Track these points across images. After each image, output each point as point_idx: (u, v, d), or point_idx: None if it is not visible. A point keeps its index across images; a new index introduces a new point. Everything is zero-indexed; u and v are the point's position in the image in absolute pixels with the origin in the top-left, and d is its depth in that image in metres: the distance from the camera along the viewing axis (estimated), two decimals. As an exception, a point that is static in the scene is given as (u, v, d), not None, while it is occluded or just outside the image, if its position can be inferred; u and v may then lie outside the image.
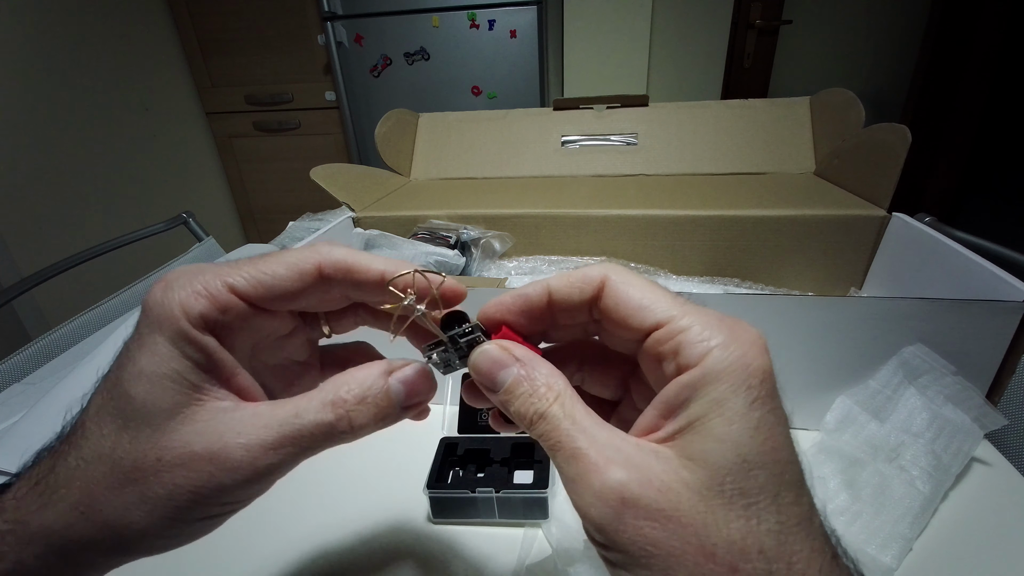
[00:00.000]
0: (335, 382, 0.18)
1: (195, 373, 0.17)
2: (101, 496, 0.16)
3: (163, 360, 0.16)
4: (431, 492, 0.33)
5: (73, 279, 0.93)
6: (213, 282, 0.17)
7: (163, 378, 0.16)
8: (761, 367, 0.15)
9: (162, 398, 0.16)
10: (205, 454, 0.16)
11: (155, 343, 0.16)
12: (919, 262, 0.45)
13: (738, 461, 0.14)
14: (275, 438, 0.17)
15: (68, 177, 1.60)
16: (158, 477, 0.16)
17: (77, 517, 0.16)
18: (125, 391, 0.16)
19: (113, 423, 0.16)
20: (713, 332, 0.15)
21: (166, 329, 0.16)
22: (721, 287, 0.54)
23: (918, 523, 0.31)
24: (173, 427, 0.16)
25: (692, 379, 0.15)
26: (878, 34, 1.91)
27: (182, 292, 0.17)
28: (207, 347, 0.17)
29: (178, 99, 1.99)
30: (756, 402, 0.14)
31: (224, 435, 0.16)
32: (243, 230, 2.32)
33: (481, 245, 0.59)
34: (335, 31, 1.73)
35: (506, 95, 1.76)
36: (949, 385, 0.35)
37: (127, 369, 0.16)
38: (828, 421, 0.38)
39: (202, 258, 0.82)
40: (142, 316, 0.17)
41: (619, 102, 0.74)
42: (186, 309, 0.17)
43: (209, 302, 0.17)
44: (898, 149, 0.50)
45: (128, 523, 0.16)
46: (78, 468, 0.16)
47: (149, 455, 0.16)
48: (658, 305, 0.16)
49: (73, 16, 1.61)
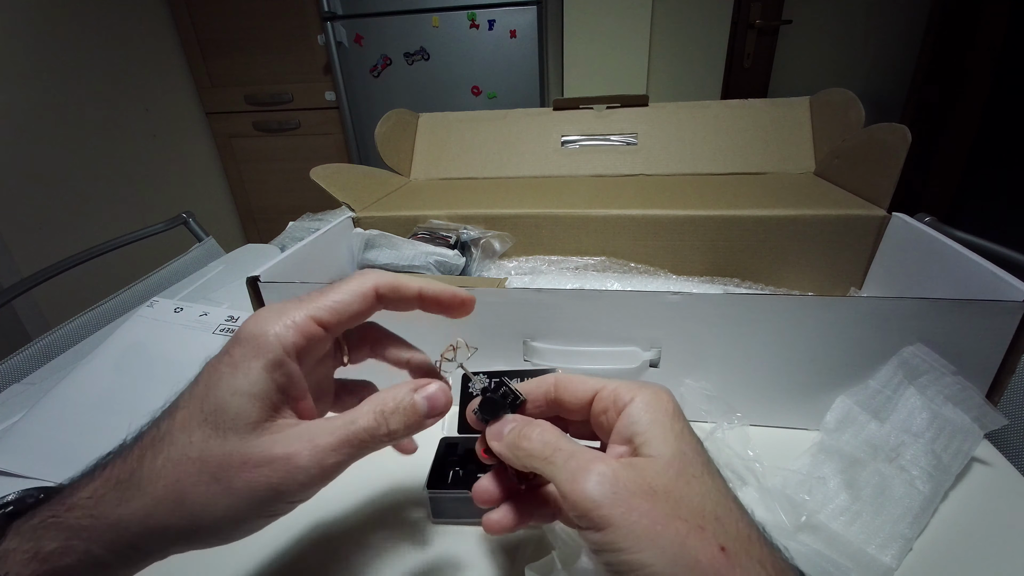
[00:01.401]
0: (377, 397, 0.22)
1: (277, 395, 0.21)
2: (189, 490, 0.19)
3: (256, 382, 0.20)
4: (431, 492, 0.33)
5: (73, 279, 0.93)
6: (300, 315, 0.22)
7: (254, 397, 0.20)
8: (670, 401, 0.22)
9: (250, 413, 0.20)
10: (283, 456, 0.20)
11: (250, 368, 0.20)
12: (919, 262, 0.45)
13: (679, 453, 0.20)
14: (335, 442, 0.21)
15: (68, 177, 1.60)
16: (243, 475, 0.19)
17: (163, 509, 0.19)
18: (219, 405, 0.20)
19: (202, 431, 0.20)
20: (632, 387, 0.22)
21: (262, 356, 0.20)
22: (721, 287, 0.54)
23: (918, 523, 0.31)
24: (256, 436, 0.20)
25: (634, 412, 0.21)
26: (878, 34, 1.91)
27: (278, 325, 0.21)
28: (292, 373, 0.22)
29: (178, 99, 1.99)
30: (673, 420, 0.21)
31: (296, 441, 0.20)
32: (243, 230, 2.32)
33: (481, 245, 0.59)
34: (335, 31, 1.73)
35: (506, 95, 1.76)
36: (949, 385, 0.35)
37: (220, 387, 0.20)
38: (828, 421, 0.38)
39: (202, 258, 0.82)
40: (237, 343, 0.21)
41: (619, 102, 0.74)
42: (282, 340, 0.21)
43: (298, 333, 0.21)
44: (898, 149, 0.50)
45: (210, 513, 0.19)
46: (165, 468, 0.19)
47: (236, 457, 0.19)
48: (590, 383, 0.23)
49: (73, 16, 1.61)
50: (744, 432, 0.37)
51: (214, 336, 0.51)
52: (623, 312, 0.38)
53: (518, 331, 0.41)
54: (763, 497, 0.33)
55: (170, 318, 0.52)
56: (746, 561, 0.17)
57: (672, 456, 0.19)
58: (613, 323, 0.39)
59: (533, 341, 0.41)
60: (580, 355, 0.40)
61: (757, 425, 0.41)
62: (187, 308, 0.54)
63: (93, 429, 0.40)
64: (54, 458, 0.38)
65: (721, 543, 0.17)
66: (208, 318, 0.53)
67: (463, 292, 0.25)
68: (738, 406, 0.38)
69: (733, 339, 0.38)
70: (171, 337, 0.50)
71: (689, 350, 0.39)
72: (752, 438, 0.37)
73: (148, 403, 0.43)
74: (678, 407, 0.22)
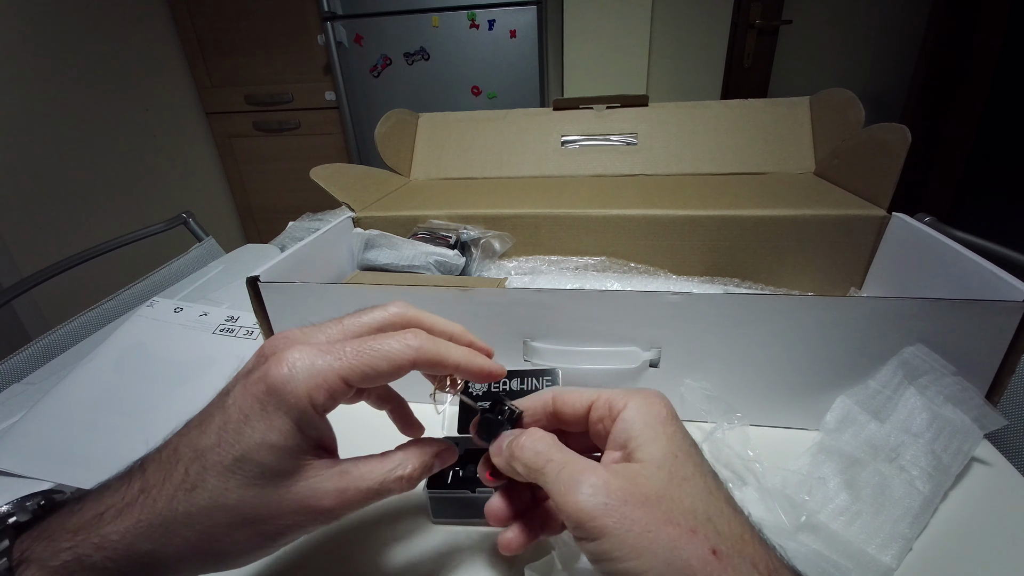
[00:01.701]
0: (405, 457, 0.24)
1: (309, 446, 0.22)
2: (223, 535, 0.21)
3: (288, 437, 0.21)
4: (431, 492, 0.33)
5: (73, 279, 0.93)
6: (331, 375, 0.21)
7: (287, 451, 0.21)
8: (663, 405, 0.22)
9: (285, 466, 0.21)
10: (313, 504, 0.21)
11: (284, 423, 0.21)
12: (919, 262, 0.45)
13: (670, 456, 0.20)
14: (361, 497, 0.22)
15: (68, 177, 1.60)
16: (276, 521, 0.21)
17: (195, 550, 0.21)
18: (254, 458, 0.20)
19: (236, 479, 0.20)
20: (630, 393, 0.23)
21: (293, 413, 0.21)
22: (721, 287, 0.54)
23: (918, 523, 0.31)
24: (290, 485, 0.21)
25: (628, 418, 0.22)
26: (878, 34, 1.91)
27: (310, 383, 0.21)
28: (321, 428, 0.22)
29: (178, 99, 1.99)
30: (665, 424, 0.21)
31: (326, 494, 0.22)
32: (243, 230, 2.32)
33: (481, 245, 0.59)
34: (335, 31, 1.73)
35: (506, 95, 1.76)
36: (949, 385, 0.35)
37: (255, 439, 0.20)
38: (828, 421, 0.38)
39: (202, 258, 0.82)
40: (270, 393, 0.21)
41: (619, 102, 0.74)
42: (313, 400, 0.21)
43: (329, 394, 0.21)
44: (898, 149, 0.50)
45: (238, 551, 0.21)
46: (200, 514, 0.20)
47: (271, 506, 0.21)
48: (586, 394, 0.24)
49: (73, 16, 1.61)
50: (744, 432, 0.37)
51: (214, 336, 0.51)
52: (623, 312, 0.38)
53: (518, 331, 0.41)
54: (763, 497, 0.33)
55: (170, 318, 0.52)
56: (738, 562, 0.17)
57: (663, 459, 0.20)
58: (613, 323, 0.39)
59: (533, 341, 0.41)
60: (580, 355, 0.40)
61: (757, 425, 0.41)
62: (187, 308, 0.54)
63: (93, 429, 0.40)
64: (54, 458, 0.38)
65: (713, 545, 0.18)
66: (208, 318, 0.53)
67: (496, 367, 0.25)
68: (738, 406, 0.38)
69: (733, 339, 0.38)
70: (171, 337, 0.50)
71: (689, 350, 0.39)
72: (752, 438, 0.37)
73: (148, 403, 0.43)
74: (671, 410, 0.22)
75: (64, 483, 0.36)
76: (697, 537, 0.18)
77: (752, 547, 0.18)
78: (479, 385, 0.34)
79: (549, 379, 0.38)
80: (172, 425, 0.43)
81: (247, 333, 0.51)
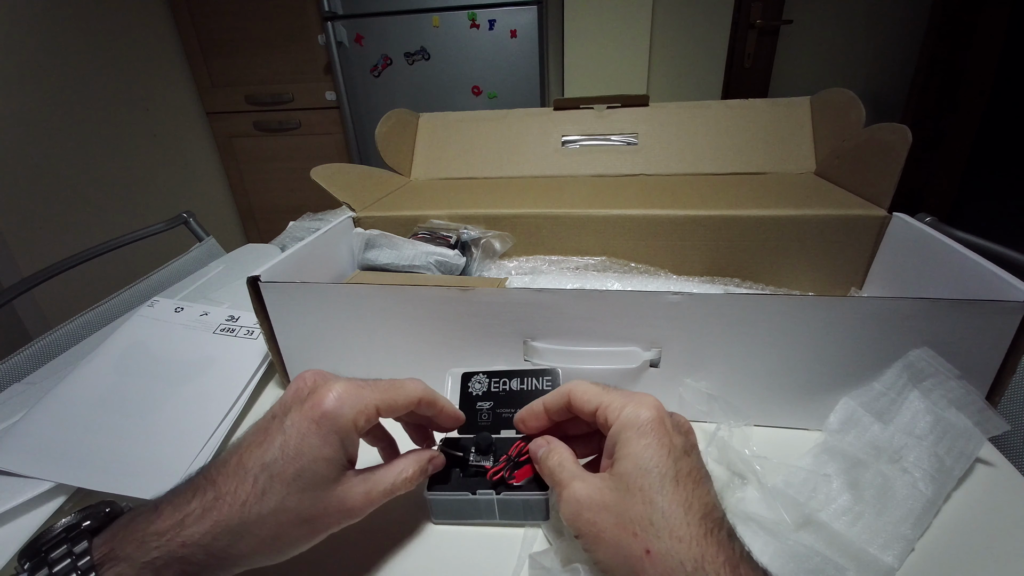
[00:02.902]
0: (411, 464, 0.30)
1: (347, 459, 0.28)
2: (286, 533, 0.26)
3: (337, 451, 0.27)
4: (431, 493, 0.33)
5: (73, 279, 0.93)
6: (370, 404, 0.28)
7: (333, 462, 0.27)
8: (648, 417, 0.25)
9: (330, 474, 0.27)
10: (348, 504, 0.27)
11: (334, 441, 0.26)
12: (919, 262, 0.45)
13: (636, 469, 0.24)
14: (381, 495, 0.28)
15: (68, 177, 1.60)
16: (323, 519, 0.27)
17: (264, 547, 0.25)
18: (313, 470, 0.26)
19: (296, 487, 0.25)
20: (624, 404, 0.26)
21: (342, 433, 0.27)
22: (721, 287, 0.54)
23: (920, 524, 0.31)
24: (333, 489, 0.27)
25: (614, 431, 0.26)
26: (878, 34, 1.91)
27: (354, 411, 0.27)
28: (356, 445, 0.29)
29: (178, 99, 1.99)
30: (644, 436, 0.25)
31: (358, 496, 0.28)
32: (243, 230, 2.32)
33: (481, 245, 0.59)
34: (335, 31, 1.73)
35: (506, 95, 1.76)
36: (953, 389, 0.35)
37: (312, 454, 0.26)
38: (831, 422, 0.38)
39: (202, 258, 0.82)
40: (323, 418, 0.26)
41: (619, 102, 0.74)
42: (356, 424, 0.27)
43: (368, 420, 0.28)
44: (898, 149, 0.50)
45: (295, 547, 0.26)
46: (269, 517, 0.25)
47: (321, 508, 0.26)
48: (594, 397, 0.28)
49: (73, 16, 1.61)
50: (746, 432, 0.37)
51: (214, 336, 0.51)
52: (623, 312, 0.38)
53: (518, 331, 0.41)
54: (764, 496, 0.33)
55: (170, 318, 0.52)
56: (668, 560, 0.22)
57: (626, 473, 0.24)
58: (613, 323, 0.39)
59: (533, 341, 0.41)
60: (580, 355, 0.40)
61: (759, 425, 0.41)
62: (187, 308, 0.54)
63: (93, 429, 0.40)
64: (54, 458, 0.38)
65: (648, 546, 0.22)
66: (208, 318, 0.53)
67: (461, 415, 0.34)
68: (739, 406, 0.38)
69: (733, 339, 0.38)
70: (172, 337, 0.50)
71: (689, 350, 0.39)
72: (754, 438, 0.37)
73: (149, 403, 0.43)
74: (652, 421, 0.25)
75: (64, 483, 0.36)
76: (637, 539, 0.23)
77: (693, 548, 0.22)
78: (479, 386, 0.38)
79: (549, 379, 0.38)
80: (172, 425, 0.43)
81: (247, 333, 0.51)
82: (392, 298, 0.41)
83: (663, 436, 0.25)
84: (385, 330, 0.43)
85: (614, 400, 0.27)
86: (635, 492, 0.23)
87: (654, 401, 0.26)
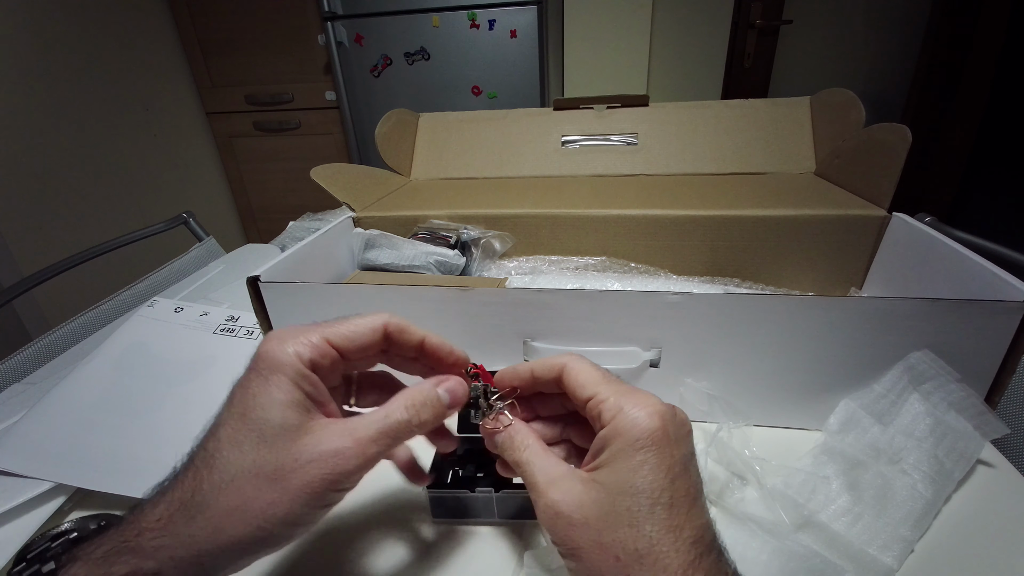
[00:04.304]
0: (406, 394, 0.25)
1: (307, 401, 0.23)
2: (252, 498, 0.21)
3: (288, 392, 0.22)
4: (431, 492, 0.33)
5: (73, 279, 0.93)
6: (315, 337, 0.24)
7: (290, 404, 0.22)
8: (648, 427, 0.22)
9: (291, 418, 0.22)
10: (329, 451, 0.22)
11: (280, 380, 0.23)
12: (919, 262, 0.45)
13: (626, 488, 0.21)
14: (374, 433, 0.23)
15: (69, 177, 1.60)
16: (297, 473, 0.22)
17: (230, 521, 0.21)
18: (261, 417, 0.22)
19: (249, 443, 0.22)
20: (623, 403, 0.23)
21: (287, 370, 0.23)
22: (721, 287, 0.54)
23: (920, 525, 0.31)
24: (300, 437, 0.22)
25: (605, 434, 0.23)
26: (878, 34, 1.91)
27: (295, 344, 0.23)
28: (315, 383, 0.24)
29: (178, 99, 1.99)
30: (640, 451, 0.21)
31: (339, 437, 0.22)
32: (243, 230, 2.32)
33: (481, 245, 0.59)
34: (335, 31, 1.73)
35: (506, 95, 1.76)
36: (953, 392, 0.35)
37: (258, 401, 0.22)
38: (831, 423, 0.38)
39: (202, 258, 0.82)
40: (260, 361, 0.23)
41: (619, 102, 0.74)
42: (300, 355, 0.23)
43: (314, 350, 0.24)
44: (898, 149, 0.50)
45: (273, 516, 0.21)
46: (224, 482, 0.21)
47: (287, 459, 0.22)
48: (591, 384, 0.24)
49: (73, 16, 1.61)
50: (745, 432, 0.37)
51: (214, 336, 0.51)
52: (623, 312, 0.38)
53: (518, 331, 0.41)
54: (764, 497, 0.33)
55: (170, 318, 0.52)
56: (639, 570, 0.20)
57: (614, 488, 0.21)
58: (613, 323, 0.39)
59: (533, 341, 0.41)
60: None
61: (759, 425, 0.41)
62: (187, 308, 0.54)
63: (93, 429, 0.40)
64: (54, 458, 0.38)
65: (616, 554, 0.20)
66: (208, 318, 0.53)
67: (458, 352, 0.28)
68: (739, 406, 0.38)
69: (733, 339, 0.38)
70: (171, 337, 0.50)
71: (689, 350, 0.39)
72: (753, 438, 0.37)
73: (149, 403, 0.43)
74: (654, 433, 0.22)
75: (64, 483, 0.36)
76: (619, 564, 0.20)
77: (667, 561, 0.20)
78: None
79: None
80: (172, 425, 0.43)
81: (247, 333, 0.51)
82: (392, 298, 0.41)
83: (664, 451, 0.22)
84: (385, 330, 0.43)
85: (612, 396, 0.23)
86: (622, 513, 0.21)
87: (657, 404, 0.23)
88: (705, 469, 0.34)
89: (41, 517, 0.35)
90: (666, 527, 0.21)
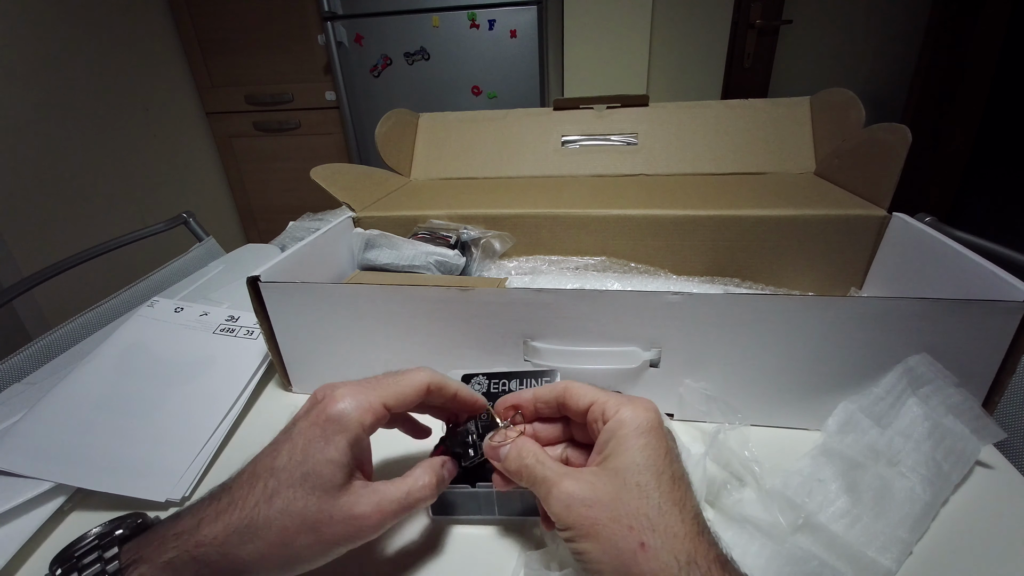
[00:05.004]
0: (426, 474, 0.29)
1: (353, 463, 0.27)
2: (293, 538, 0.25)
3: (343, 453, 0.26)
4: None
5: (73, 279, 0.93)
6: (376, 402, 0.28)
7: (341, 466, 0.26)
8: (647, 418, 0.26)
9: (338, 478, 0.26)
10: (357, 515, 0.26)
11: (339, 442, 0.26)
12: (919, 262, 0.45)
13: (632, 465, 0.25)
14: (396, 507, 0.27)
15: (68, 177, 1.60)
16: (329, 526, 0.25)
17: (273, 551, 0.25)
18: (316, 471, 0.25)
19: (302, 490, 0.25)
20: (622, 402, 0.27)
21: (348, 435, 0.26)
22: (721, 287, 0.54)
23: (918, 527, 0.31)
24: (340, 496, 0.26)
25: (611, 426, 0.26)
26: (878, 34, 1.91)
27: (360, 410, 0.27)
28: (365, 447, 0.29)
29: (178, 99, 1.99)
30: (643, 435, 0.26)
31: (367, 505, 0.26)
32: (243, 230, 2.32)
33: (481, 245, 0.59)
34: (335, 31, 1.73)
35: (506, 95, 1.76)
36: (951, 396, 0.35)
37: (317, 456, 0.26)
38: (830, 425, 0.38)
39: (202, 258, 0.82)
40: (330, 421, 0.27)
41: (619, 102, 0.74)
42: (362, 422, 0.27)
43: (374, 416, 0.28)
44: (898, 149, 0.50)
45: (304, 555, 0.25)
46: (276, 519, 0.25)
47: (325, 514, 0.25)
48: (591, 394, 0.28)
49: (73, 16, 1.61)
50: (744, 433, 0.37)
51: (214, 336, 0.51)
52: (623, 312, 0.38)
53: (518, 331, 0.41)
54: (762, 498, 0.33)
55: (170, 318, 0.52)
56: (663, 555, 0.22)
57: (623, 468, 0.25)
58: (613, 323, 0.39)
59: (533, 341, 0.41)
60: (580, 355, 0.40)
61: (757, 425, 0.41)
62: (187, 308, 0.54)
63: (93, 429, 0.40)
64: (54, 458, 0.38)
65: (642, 540, 0.23)
66: (208, 318, 0.53)
67: (481, 399, 0.32)
68: (738, 406, 0.38)
69: (733, 339, 0.38)
70: (171, 337, 0.50)
71: (689, 350, 0.39)
72: (752, 438, 0.37)
73: (149, 403, 0.43)
74: (652, 422, 0.26)
75: (64, 483, 0.36)
76: (632, 533, 0.23)
77: (686, 544, 0.23)
78: (478, 387, 0.37)
79: (548, 379, 0.38)
80: (172, 425, 0.43)
81: (247, 333, 0.51)
82: (392, 298, 0.41)
83: (660, 438, 0.26)
84: (385, 330, 0.43)
85: (611, 399, 0.28)
86: (631, 487, 0.24)
87: (653, 405, 0.27)
88: (705, 471, 0.34)
89: (41, 517, 0.35)
90: (671, 499, 0.24)
